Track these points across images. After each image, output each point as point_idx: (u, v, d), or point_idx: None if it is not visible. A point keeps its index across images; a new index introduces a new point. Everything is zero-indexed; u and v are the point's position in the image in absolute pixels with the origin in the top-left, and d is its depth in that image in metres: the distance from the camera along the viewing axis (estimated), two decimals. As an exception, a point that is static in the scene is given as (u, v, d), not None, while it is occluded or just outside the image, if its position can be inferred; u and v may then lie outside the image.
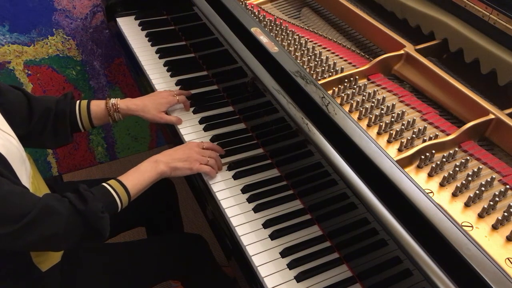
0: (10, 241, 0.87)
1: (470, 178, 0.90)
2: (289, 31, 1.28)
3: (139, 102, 1.27)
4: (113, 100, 1.24)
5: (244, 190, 1.13)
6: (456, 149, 0.98)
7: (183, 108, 1.34)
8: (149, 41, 1.61)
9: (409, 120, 1.02)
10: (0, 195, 0.84)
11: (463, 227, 0.75)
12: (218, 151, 1.20)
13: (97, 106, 1.23)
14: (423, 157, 0.94)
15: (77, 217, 0.93)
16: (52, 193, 0.98)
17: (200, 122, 1.31)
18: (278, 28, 1.29)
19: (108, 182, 1.03)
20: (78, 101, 1.22)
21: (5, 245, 0.90)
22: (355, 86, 1.12)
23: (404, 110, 1.05)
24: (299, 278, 0.96)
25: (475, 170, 0.92)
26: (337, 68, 1.16)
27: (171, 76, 1.47)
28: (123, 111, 1.25)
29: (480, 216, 0.85)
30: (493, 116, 0.99)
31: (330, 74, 1.15)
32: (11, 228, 0.85)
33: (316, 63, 1.17)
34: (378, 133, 1.02)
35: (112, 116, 1.24)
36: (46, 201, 0.90)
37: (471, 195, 0.87)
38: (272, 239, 1.03)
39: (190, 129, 1.29)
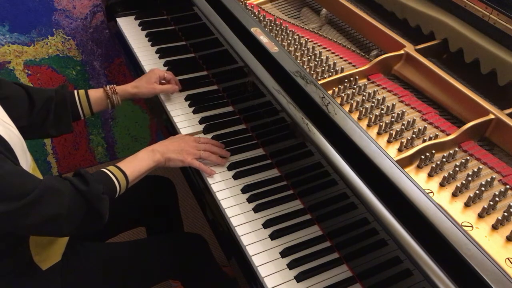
0: (12, 221, 0.87)
1: (470, 178, 0.90)
2: (289, 31, 1.28)
3: (133, 83, 1.34)
4: (109, 85, 1.29)
5: (244, 190, 1.13)
6: (456, 149, 0.98)
7: (181, 105, 1.37)
8: (149, 41, 1.61)
9: (409, 120, 1.02)
10: (2, 173, 0.84)
11: (463, 227, 0.75)
12: (215, 145, 1.21)
13: (96, 91, 1.28)
14: (423, 157, 0.94)
15: (79, 197, 0.94)
16: (53, 175, 0.99)
17: (200, 122, 1.31)
18: (278, 28, 1.29)
19: (107, 167, 1.05)
20: (76, 90, 1.26)
21: (8, 225, 0.89)
22: (355, 86, 1.12)
23: (404, 110, 1.05)
24: (299, 278, 0.97)
25: (475, 170, 0.92)
26: (337, 68, 1.16)
27: (171, 76, 1.47)
28: (120, 92, 1.30)
29: (480, 216, 0.85)
30: (493, 116, 0.99)
31: (330, 74, 1.15)
32: (13, 206, 0.85)
33: (316, 63, 1.17)
34: (378, 133, 1.02)
35: (111, 99, 1.28)
36: (48, 181, 0.91)
37: (471, 195, 0.87)
38: (272, 239, 1.03)
39: (191, 129, 1.29)
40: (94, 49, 1.95)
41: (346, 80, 1.12)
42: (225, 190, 1.13)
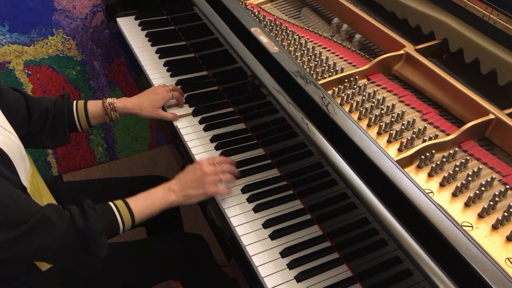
0: (4, 249, 0.86)
1: (470, 178, 0.90)
2: (289, 31, 1.28)
3: (135, 100, 1.29)
4: (109, 100, 1.26)
5: (244, 190, 1.13)
6: (456, 149, 0.98)
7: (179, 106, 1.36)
8: (149, 41, 1.61)
9: (409, 120, 1.02)
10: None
11: (463, 227, 0.75)
12: (229, 163, 1.15)
13: (94, 105, 1.24)
14: (423, 157, 0.94)
15: (74, 233, 0.91)
16: (54, 204, 0.97)
17: (200, 122, 1.31)
18: (278, 28, 1.29)
19: (115, 202, 1.00)
20: (75, 101, 1.23)
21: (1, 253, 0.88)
22: (355, 86, 1.12)
23: (404, 110, 1.05)
24: (299, 278, 0.97)
25: (475, 170, 0.92)
26: (337, 68, 1.16)
27: (171, 76, 1.47)
28: (120, 110, 1.26)
29: (480, 216, 0.85)
30: (493, 116, 0.99)
31: (330, 74, 1.15)
32: (6, 236, 0.83)
33: (316, 63, 1.17)
34: (378, 133, 1.02)
35: (109, 115, 1.26)
36: (46, 212, 0.88)
37: (471, 195, 0.87)
38: (272, 239, 1.03)
39: (190, 129, 1.29)
40: (94, 49, 1.95)
41: (346, 80, 1.12)
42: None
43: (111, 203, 1.00)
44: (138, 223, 1.03)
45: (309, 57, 1.19)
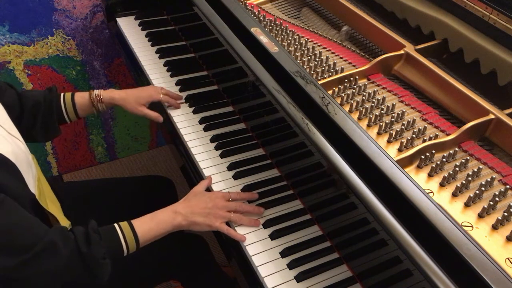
0: (9, 273, 0.85)
1: (470, 178, 0.90)
2: (289, 31, 1.28)
3: (123, 93, 1.30)
4: (96, 91, 1.27)
5: (244, 190, 1.13)
6: (456, 149, 0.98)
7: (181, 105, 1.36)
8: (149, 41, 1.61)
9: (409, 120, 1.02)
10: (6, 226, 0.82)
11: (463, 227, 0.75)
12: (247, 198, 1.11)
13: (81, 97, 1.25)
14: (423, 157, 0.94)
15: (77, 258, 0.91)
16: (61, 226, 0.96)
17: (200, 122, 1.31)
18: (278, 28, 1.29)
19: (121, 224, 0.99)
20: (62, 94, 1.24)
21: (3, 277, 0.86)
22: (355, 86, 1.12)
23: (404, 110, 1.05)
24: (299, 278, 0.97)
25: (475, 170, 0.92)
26: (337, 68, 1.16)
27: (171, 76, 1.47)
28: (106, 101, 1.27)
29: (480, 216, 0.85)
30: (493, 116, 0.99)
31: (330, 74, 1.15)
32: (13, 262, 0.83)
33: (316, 63, 1.17)
34: (378, 133, 1.02)
35: (96, 107, 1.27)
36: (52, 236, 0.88)
37: (471, 195, 0.87)
38: (272, 239, 1.03)
39: (190, 129, 1.29)
40: (94, 49, 1.95)
41: (346, 80, 1.12)
42: (225, 190, 1.13)
43: (116, 225, 0.99)
44: (143, 245, 1.02)
45: (309, 57, 1.19)
